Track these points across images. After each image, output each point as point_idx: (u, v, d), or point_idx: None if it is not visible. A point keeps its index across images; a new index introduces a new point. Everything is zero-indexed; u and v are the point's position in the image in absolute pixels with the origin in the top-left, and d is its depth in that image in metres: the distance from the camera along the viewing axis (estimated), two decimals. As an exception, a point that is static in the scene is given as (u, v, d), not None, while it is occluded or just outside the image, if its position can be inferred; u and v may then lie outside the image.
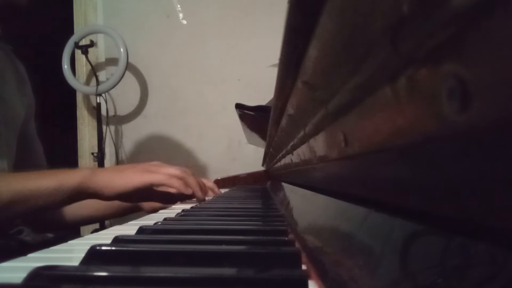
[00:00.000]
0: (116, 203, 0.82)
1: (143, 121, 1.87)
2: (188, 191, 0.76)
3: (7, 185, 0.67)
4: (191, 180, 0.77)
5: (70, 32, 1.81)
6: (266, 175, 1.45)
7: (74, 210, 0.93)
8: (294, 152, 0.49)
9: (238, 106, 1.09)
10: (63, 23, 1.87)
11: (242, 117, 1.16)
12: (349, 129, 0.22)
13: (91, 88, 1.72)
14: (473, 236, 0.12)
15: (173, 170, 0.76)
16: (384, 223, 0.19)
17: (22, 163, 0.89)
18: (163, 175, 0.74)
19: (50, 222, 0.92)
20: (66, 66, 1.70)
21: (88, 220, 1.03)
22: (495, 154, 0.10)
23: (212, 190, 0.99)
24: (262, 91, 1.35)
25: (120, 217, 0.96)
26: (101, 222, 1.60)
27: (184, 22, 1.84)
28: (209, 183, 1.01)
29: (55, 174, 0.72)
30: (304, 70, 0.26)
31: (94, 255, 0.27)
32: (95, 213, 0.96)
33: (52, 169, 0.77)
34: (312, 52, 0.22)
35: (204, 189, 0.82)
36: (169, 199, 0.81)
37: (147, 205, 0.90)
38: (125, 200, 0.76)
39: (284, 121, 0.47)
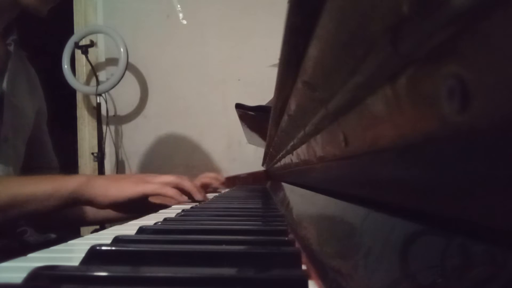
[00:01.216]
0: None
1: (143, 121, 1.87)
2: (183, 199, 0.77)
3: (4, 189, 0.68)
4: (186, 184, 0.77)
5: (70, 32, 1.81)
6: (266, 175, 1.45)
7: (95, 212, 0.94)
8: (294, 152, 0.49)
9: (238, 106, 1.08)
10: (63, 23, 1.87)
11: (242, 117, 1.16)
12: (349, 129, 0.22)
13: (91, 88, 1.72)
14: (473, 236, 0.12)
15: (168, 178, 0.77)
16: (384, 223, 0.19)
17: (33, 166, 0.90)
18: (157, 184, 0.74)
19: (70, 222, 0.93)
20: (66, 66, 1.70)
21: (105, 222, 1.03)
22: (495, 154, 0.10)
23: (216, 179, 1.00)
24: (262, 91, 1.35)
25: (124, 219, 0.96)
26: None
27: (184, 22, 1.84)
28: (211, 175, 1.02)
29: (51, 179, 0.73)
30: (304, 70, 0.26)
31: (94, 255, 0.27)
32: (111, 216, 0.96)
33: (47, 175, 0.78)
34: (312, 52, 0.22)
35: (201, 191, 0.82)
36: (163, 207, 0.81)
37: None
38: (119, 210, 0.77)
39: (284, 121, 0.47)
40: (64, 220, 0.94)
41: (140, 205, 0.77)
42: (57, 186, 0.71)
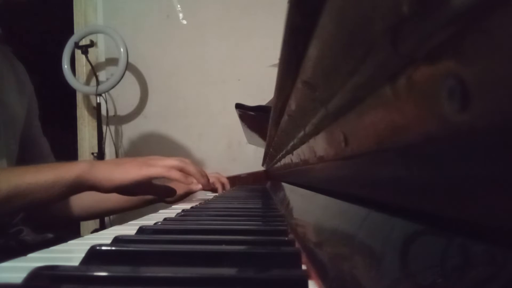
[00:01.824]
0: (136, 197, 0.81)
1: (143, 121, 1.87)
2: (189, 181, 0.76)
3: (5, 179, 0.67)
4: (191, 168, 0.76)
5: (70, 32, 1.81)
6: (266, 175, 1.45)
7: (94, 203, 0.94)
8: (294, 152, 0.49)
9: (238, 106, 1.09)
10: (63, 23, 1.87)
11: (242, 117, 1.16)
12: (349, 129, 0.22)
13: (91, 88, 1.72)
14: (473, 236, 0.12)
15: (172, 161, 0.76)
16: (384, 223, 0.19)
17: (27, 163, 0.90)
18: (161, 167, 0.74)
19: (65, 216, 0.93)
20: (66, 66, 1.70)
21: (107, 213, 1.03)
22: (495, 154, 0.10)
23: (224, 185, 1.00)
24: (262, 91, 1.35)
25: (141, 208, 0.96)
26: (102, 220, 1.61)
27: (184, 22, 1.84)
28: (222, 178, 1.02)
29: (53, 167, 0.72)
30: (304, 70, 0.26)
31: (94, 255, 0.27)
32: (115, 206, 0.96)
33: (49, 163, 0.77)
34: (312, 52, 0.22)
35: (205, 176, 0.81)
36: (169, 192, 0.80)
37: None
38: (124, 193, 0.76)
39: (284, 121, 0.47)
40: (64, 218, 0.94)
41: (145, 188, 0.76)
42: (60, 173, 0.70)
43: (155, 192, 0.80)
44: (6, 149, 0.85)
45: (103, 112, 1.76)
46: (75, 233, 1.07)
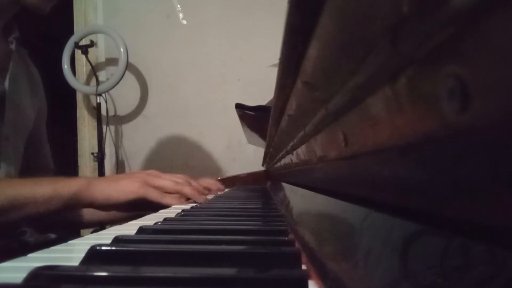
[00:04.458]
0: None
1: (143, 121, 1.87)
2: (185, 203, 0.78)
3: (2, 192, 0.68)
4: (187, 190, 0.78)
5: (70, 32, 1.81)
6: (266, 175, 1.45)
7: (93, 213, 0.95)
8: (294, 152, 0.49)
9: (238, 106, 1.08)
10: (63, 23, 1.87)
11: (242, 117, 1.16)
12: (349, 129, 0.22)
13: (91, 88, 1.72)
14: (473, 236, 0.12)
15: (168, 183, 0.77)
16: (384, 223, 0.19)
17: (30, 165, 0.90)
18: (158, 193, 0.75)
19: (69, 223, 0.94)
20: (66, 66, 1.70)
21: (105, 222, 1.04)
22: (495, 154, 0.10)
23: (217, 189, 1.00)
24: (262, 91, 1.35)
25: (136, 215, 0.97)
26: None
27: (184, 22, 1.84)
28: (210, 181, 1.02)
29: (51, 182, 0.73)
30: (304, 70, 0.26)
31: (94, 255, 0.27)
32: (112, 217, 0.97)
33: (48, 177, 0.78)
34: (312, 52, 0.22)
35: (202, 191, 0.82)
36: (164, 207, 0.82)
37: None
38: (120, 210, 0.77)
39: (284, 121, 0.47)
40: (65, 222, 0.95)
41: (140, 205, 0.77)
42: (57, 189, 0.71)
43: (151, 208, 0.81)
44: (15, 152, 0.85)
45: (103, 112, 1.76)
46: (75, 233, 1.07)
